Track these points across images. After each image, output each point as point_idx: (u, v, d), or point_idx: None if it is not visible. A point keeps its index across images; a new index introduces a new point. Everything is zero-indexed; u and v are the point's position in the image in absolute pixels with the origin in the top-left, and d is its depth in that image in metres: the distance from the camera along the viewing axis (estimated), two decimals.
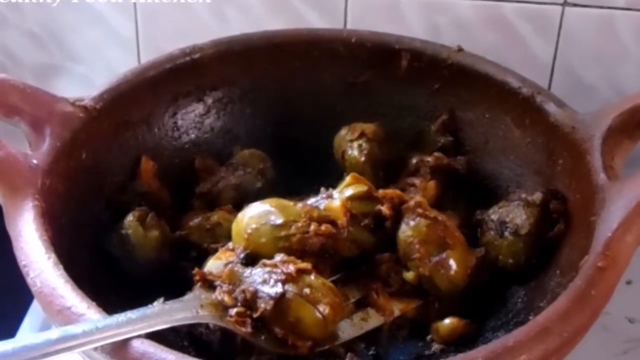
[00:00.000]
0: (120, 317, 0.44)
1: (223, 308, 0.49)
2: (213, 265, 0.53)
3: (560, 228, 0.57)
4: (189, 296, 0.49)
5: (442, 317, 0.57)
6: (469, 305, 0.58)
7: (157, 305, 0.47)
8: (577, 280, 0.47)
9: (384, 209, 0.54)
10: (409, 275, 0.54)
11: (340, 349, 0.55)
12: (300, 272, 0.49)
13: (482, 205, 0.62)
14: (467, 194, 0.64)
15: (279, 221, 0.52)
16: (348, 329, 0.52)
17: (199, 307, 0.48)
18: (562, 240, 0.56)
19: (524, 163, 0.63)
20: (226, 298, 0.49)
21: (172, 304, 0.47)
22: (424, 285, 0.54)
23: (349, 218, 0.53)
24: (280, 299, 0.47)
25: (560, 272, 0.54)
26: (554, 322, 0.44)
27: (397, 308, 0.54)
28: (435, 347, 0.57)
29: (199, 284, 0.50)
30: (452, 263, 0.54)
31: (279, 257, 0.50)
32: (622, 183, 0.52)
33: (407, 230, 0.54)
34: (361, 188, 0.55)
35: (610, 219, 0.49)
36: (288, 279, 0.48)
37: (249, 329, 0.48)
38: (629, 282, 0.69)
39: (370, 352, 0.57)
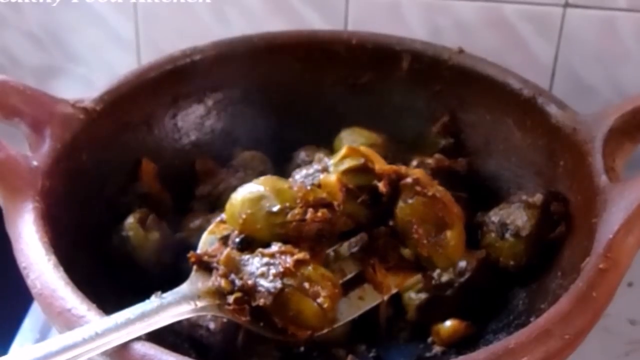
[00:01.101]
0: (119, 318, 0.44)
1: (221, 296, 0.49)
2: (207, 240, 0.52)
3: (561, 230, 0.57)
4: (186, 285, 0.49)
5: (443, 319, 0.57)
6: (470, 307, 0.58)
7: (155, 300, 0.47)
8: (579, 282, 0.47)
9: (381, 185, 0.53)
10: (407, 252, 0.53)
11: (341, 351, 0.55)
12: (299, 263, 0.49)
13: (483, 207, 0.62)
14: (468, 195, 0.64)
15: (275, 208, 0.51)
16: (346, 310, 0.51)
17: (196, 299, 0.48)
18: (563, 241, 0.56)
19: (525, 164, 0.63)
20: (223, 283, 0.48)
21: (170, 297, 0.47)
22: (422, 263, 0.53)
23: (344, 193, 0.53)
24: (279, 294, 0.47)
25: (561, 273, 0.54)
26: (555, 324, 0.44)
27: (393, 284, 0.53)
28: (436, 349, 0.57)
29: (195, 267, 0.50)
30: (451, 242, 0.53)
31: (276, 247, 0.49)
32: (624, 185, 0.52)
33: (406, 208, 0.53)
34: (357, 161, 0.54)
35: (611, 220, 0.49)
36: (286, 272, 0.48)
37: (247, 318, 0.48)
38: (630, 284, 0.68)
39: (371, 354, 0.57)
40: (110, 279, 0.57)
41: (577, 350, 0.46)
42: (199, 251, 0.51)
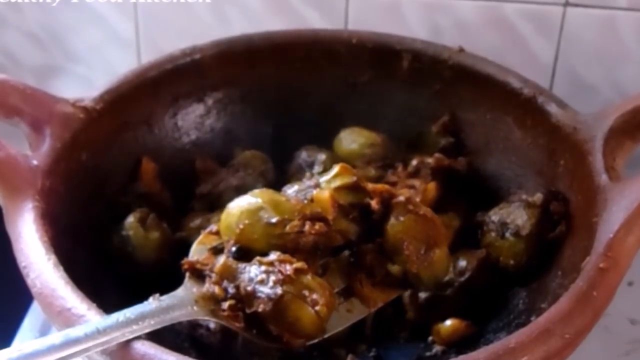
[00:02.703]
0: (120, 317, 0.44)
1: (215, 301, 0.49)
2: (197, 250, 0.52)
3: (561, 229, 0.57)
4: (181, 290, 0.49)
5: (444, 319, 0.57)
6: (470, 307, 0.58)
7: (153, 301, 0.47)
8: (579, 281, 0.47)
9: (373, 203, 0.54)
10: (395, 268, 0.54)
11: (341, 350, 0.55)
12: (298, 272, 0.49)
13: (483, 206, 0.62)
14: (468, 195, 0.64)
15: (274, 220, 0.51)
16: (335, 321, 0.51)
17: (193, 304, 0.48)
18: (563, 241, 0.56)
19: (525, 164, 0.63)
20: (217, 290, 0.49)
21: (168, 300, 0.47)
22: (409, 279, 0.54)
23: (336, 209, 0.53)
24: (278, 300, 0.47)
25: (561, 273, 0.54)
26: (556, 323, 0.44)
27: (379, 299, 0.54)
28: (437, 348, 0.57)
29: (187, 274, 0.50)
30: (438, 260, 0.53)
31: (274, 256, 0.49)
32: (624, 184, 0.52)
33: (397, 225, 0.53)
34: (349, 179, 0.54)
35: (611, 220, 0.49)
36: (286, 280, 0.48)
37: (241, 324, 0.48)
38: (630, 283, 0.68)
39: (371, 354, 0.57)
40: (110, 278, 0.57)
41: (577, 350, 0.46)
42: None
